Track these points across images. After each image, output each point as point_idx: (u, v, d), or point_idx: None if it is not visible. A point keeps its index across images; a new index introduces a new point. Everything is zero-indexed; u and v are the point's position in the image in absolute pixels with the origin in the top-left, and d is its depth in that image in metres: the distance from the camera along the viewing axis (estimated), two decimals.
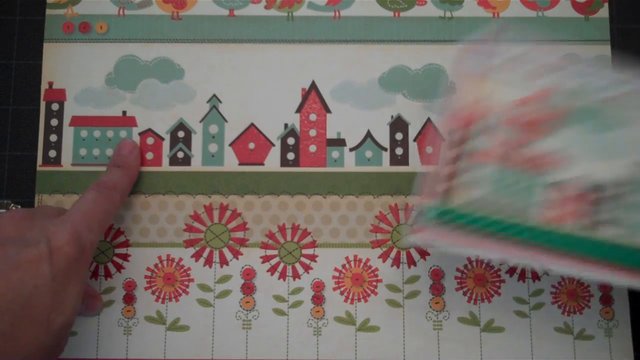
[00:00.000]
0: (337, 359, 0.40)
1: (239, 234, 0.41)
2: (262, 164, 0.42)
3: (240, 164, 0.42)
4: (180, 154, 0.42)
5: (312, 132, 0.42)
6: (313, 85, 0.42)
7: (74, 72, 0.42)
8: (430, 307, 0.40)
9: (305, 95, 0.42)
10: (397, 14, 0.43)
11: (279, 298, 0.40)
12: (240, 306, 0.40)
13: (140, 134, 0.42)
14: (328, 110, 0.42)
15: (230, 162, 0.42)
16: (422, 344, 0.40)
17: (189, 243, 0.41)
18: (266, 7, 0.43)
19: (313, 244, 0.41)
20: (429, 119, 0.42)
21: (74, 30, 0.43)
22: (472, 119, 0.36)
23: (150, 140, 0.42)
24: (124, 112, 0.42)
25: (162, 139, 0.42)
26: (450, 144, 0.36)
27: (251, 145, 0.42)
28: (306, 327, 0.40)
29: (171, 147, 0.42)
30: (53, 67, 0.42)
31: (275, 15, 0.43)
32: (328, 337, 0.40)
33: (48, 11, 0.43)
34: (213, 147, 0.42)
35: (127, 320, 0.40)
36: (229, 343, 0.40)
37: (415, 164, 0.42)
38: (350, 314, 0.40)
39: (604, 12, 0.43)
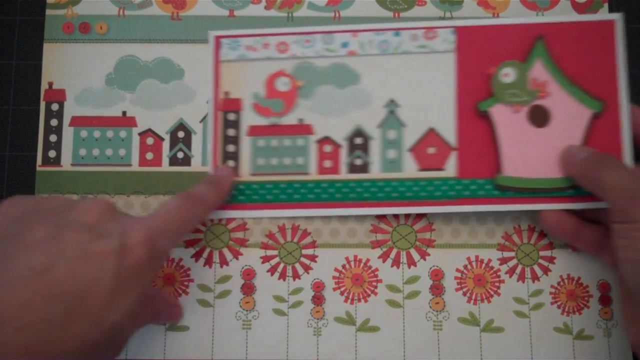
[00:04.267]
0: (337, 359, 0.40)
1: (239, 234, 0.41)
2: None
3: None
4: (180, 154, 0.42)
5: None
6: None
7: (74, 72, 0.42)
8: (430, 307, 0.40)
9: None
10: (397, 14, 0.43)
11: (279, 298, 0.40)
12: (240, 306, 0.40)
13: (140, 134, 0.42)
14: None
15: None
16: (422, 344, 0.40)
17: (189, 243, 0.41)
18: (266, 8, 0.43)
19: (313, 244, 0.41)
20: None
21: (74, 31, 0.43)
22: (238, 101, 0.41)
23: (150, 141, 0.42)
24: (124, 113, 0.42)
25: (162, 139, 0.42)
26: (228, 124, 0.41)
27: None
28: (306, 328, 0.40)
29: (171, 148, 0.42)
30: (53, 67, 0.42)
31: (275, 15, 0.43)
32: (328, 337, 0.40)
33: (48, 11, 0.43)
34: None
35: None
36: (229, 343, 0.40)
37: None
38: (350, 314, 0.40)
39: (604, 12, 0.43)
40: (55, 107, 0.42)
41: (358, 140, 0.41)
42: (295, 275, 0.41)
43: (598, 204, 0.38)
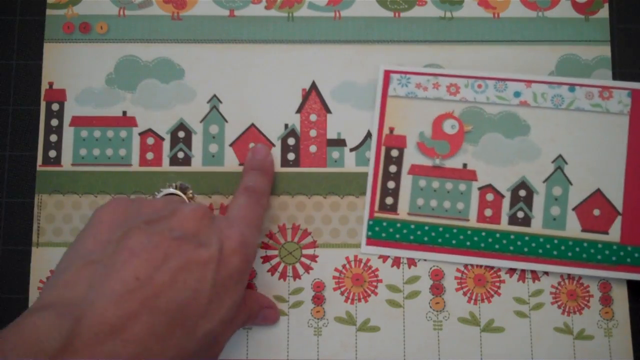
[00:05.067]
0: (337, 359, 0.40)
1: None
2: None
3: (241, 164, 0.42)
4: (180, 154, 0.42)
5: (313, 133, 0.42)
6: (313, 86, 0.42)
7: (74, 72, 0.42)
8: (430, 307, 0.40)
9: (306, 96, 0.42)
10: (397, 14, 0.43)
11: (279, 298, 0.40)
12: None
13: (140, 134, 0.42)
14: (328, 111, 0.42)
15: (231, 163, 0.42)
16: (422, 344, 0.40)
17: None
18: (266, 8, 0.43)
19: (313, 244, 0.41)
20: None
21: (74, 31, 0.43)
22: (403, 138, 0.41)
23: (150, 141, 0.42)
24: (124, 112, 0.42)
25: (163, 139, 0.42)
26: (390, 160, 0.40)
27: (251, 146, 0.42)
28: (306, 327, 0.40)
29: (171, 147, 0.42)
30: (53, 67, 0.42)
31: (276, 15, 0.43)
32: (328, 337, 0.40)
33: (48, 11, 0.43)
34: (213, 147, 0.42)
35: None
36: (229, 343, 0.40)
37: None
38: (350, 314, 0.40)
39: (604, 12, 0.43)
40: (55, 107, 0.42)
41: (522, 193, 0.40)
42: (296, 275, 0.41)
43: None
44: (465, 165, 0.41)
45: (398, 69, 0.41)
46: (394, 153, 0.41)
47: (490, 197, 0.40)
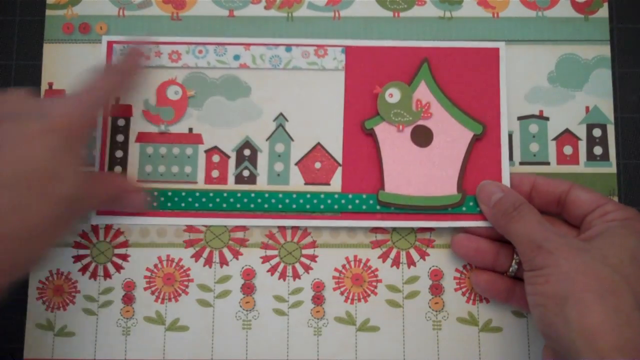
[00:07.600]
0: (337, 359, 0.40)
1: (239, 234, 0.41)
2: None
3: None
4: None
5: None
6: None
7: (74, 72, 0.42)
8: (430, 307, 0.40)
9: None
10: (396, 14, 0.43)
11: (279, 298, 0.41)
12: (240, 306, 0.40)
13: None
14: None
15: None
16: (421, 344, 0.40)
17: (188, 243, 0.41)
18: (266, 8, 0.43)
19: (313, 244, 0.41)
20: None
21: (74, 31, 0.43)
22: (129, 107, 0.42)
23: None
24: None
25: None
26: (116, 130, 0.41)
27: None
28: (306, 327, 0.40)
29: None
30: (53, 68, 0.42)
31: (275, 15, 0.43)
32: (328, 337, 0.40)
33: (48, 12, 0.43)
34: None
35: (126, 320, 0.40)
36: (229, 343, 0.40)
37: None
38: (350, 314, 0.40)
39: (603, 12, 0.43)
40: None
41: (246, 152, 0.41)
42: (296, 275, 0.41)
43: (477, 223, 0.39)
44: (190, 129, 0.41)
45: (120, 40, 0.42)
46: (120, 122, 0.41)
47: (216, 158, 0.41)
